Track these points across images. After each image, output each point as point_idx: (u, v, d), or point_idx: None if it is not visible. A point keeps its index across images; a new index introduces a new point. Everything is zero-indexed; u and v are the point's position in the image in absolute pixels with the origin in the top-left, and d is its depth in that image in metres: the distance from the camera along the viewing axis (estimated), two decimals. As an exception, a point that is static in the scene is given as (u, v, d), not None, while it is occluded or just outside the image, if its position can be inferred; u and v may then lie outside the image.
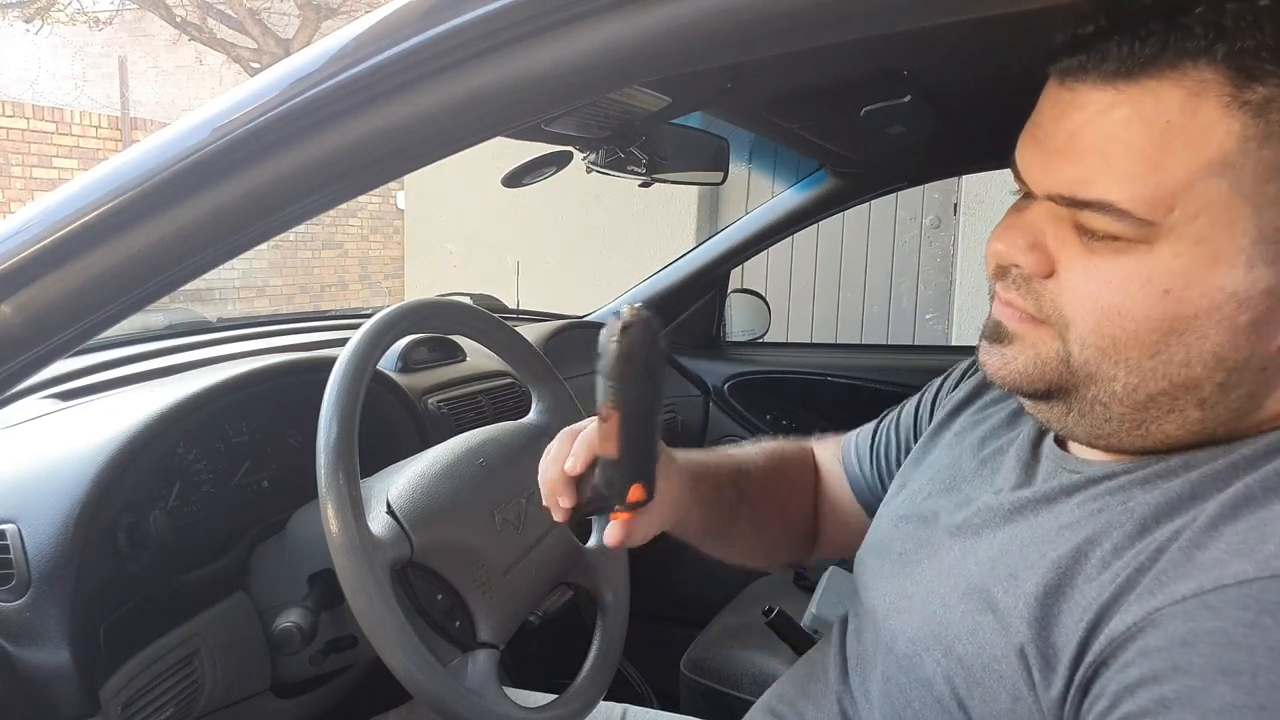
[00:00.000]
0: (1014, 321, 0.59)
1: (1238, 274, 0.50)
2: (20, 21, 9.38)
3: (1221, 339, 0.51)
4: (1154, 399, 0.54)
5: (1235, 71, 0.47)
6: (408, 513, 0.84)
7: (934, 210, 4.07)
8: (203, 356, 1.23)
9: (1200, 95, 0.48)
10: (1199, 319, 0.51)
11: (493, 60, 0.53)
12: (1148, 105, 0.49)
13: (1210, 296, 0.50)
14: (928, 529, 0.71)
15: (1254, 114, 0.48)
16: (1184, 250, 0.50)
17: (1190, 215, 0.49)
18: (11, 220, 0.60)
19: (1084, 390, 0.57)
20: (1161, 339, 0.52)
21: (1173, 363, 0.53)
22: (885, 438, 0.93)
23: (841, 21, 0.51)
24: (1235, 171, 0.48)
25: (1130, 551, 0.52)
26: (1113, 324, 0.53)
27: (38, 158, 7.14)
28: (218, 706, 0.95)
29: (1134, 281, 0.52)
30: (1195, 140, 0.49)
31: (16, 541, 0.77)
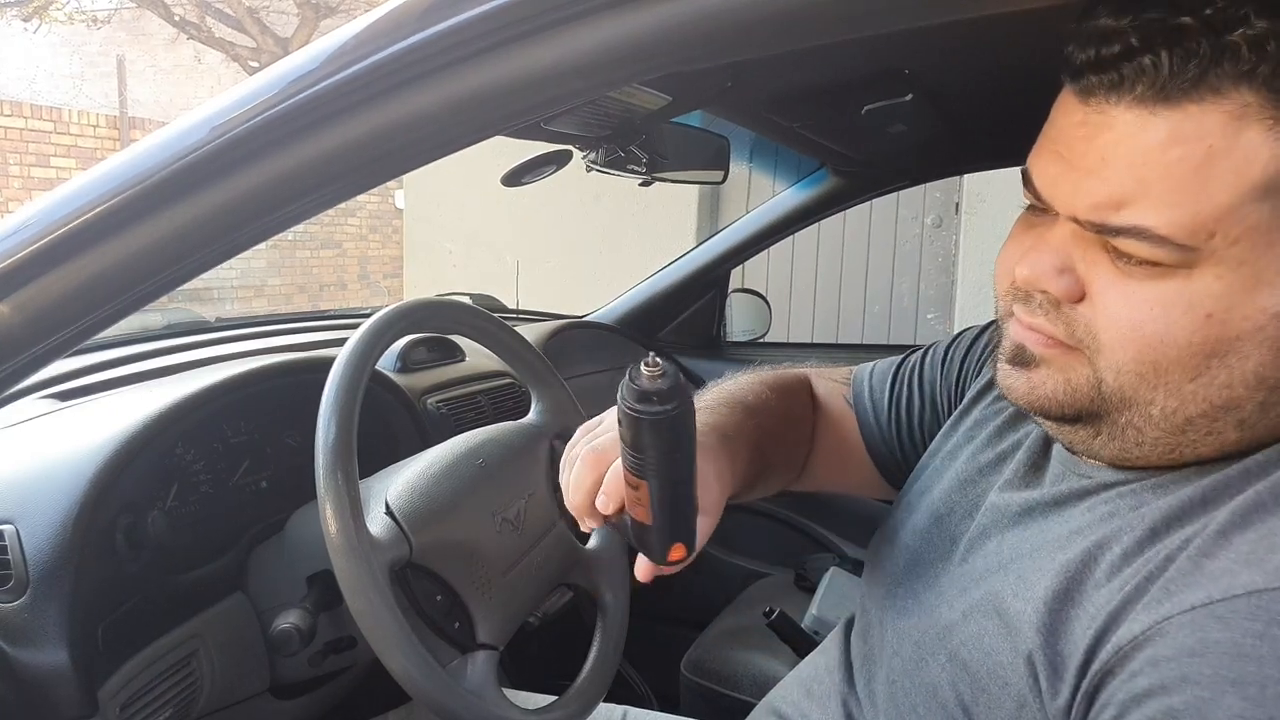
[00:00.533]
0: (1040, 346, 0.58)
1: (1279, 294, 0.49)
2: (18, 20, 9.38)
3: (1265, 358, 0.50)
4: (1193, 421, 0.53)
5: (1276, 94, 0.46)
6: (407, 513, 0.84)
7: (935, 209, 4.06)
8: (201, 356, 1.23)
9: (1243, 119, 0.47)
10: (1241, 340, 0.50)
11: (492, 59, 0.53)
12: (1188, 129, 0.48)
13: (1253, 318, 0.50)
14: (939, 528, 0.71)
15: None
16: (1225, 274, 0.49)
17: (1231, 240, 0.48)
18: (9, 220, 0.60)
19: (1117, 415, 0.55)
20: (1203, 362, 0.51)
21: (1214, 385, 0.52)
22: (908, 392, 0.88)
23: (842, 20, 0.51)
24: (1278, 195, 0.47)
25: (1140, 558, 0.51)
26: (1154, 350, 0.52)
27: (36, 157, 7.14)
28: (216, 707, 0.95)
29: (1176, 307, 0.51)
30: (1239, 165, 0.47)
31: (14, 542, 0.77)
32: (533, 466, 1.00)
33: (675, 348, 2.07)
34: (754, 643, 1.50)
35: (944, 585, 0.65)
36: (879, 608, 0.73)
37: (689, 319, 2.09)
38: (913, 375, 0.89)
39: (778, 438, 0.83)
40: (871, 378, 0.92)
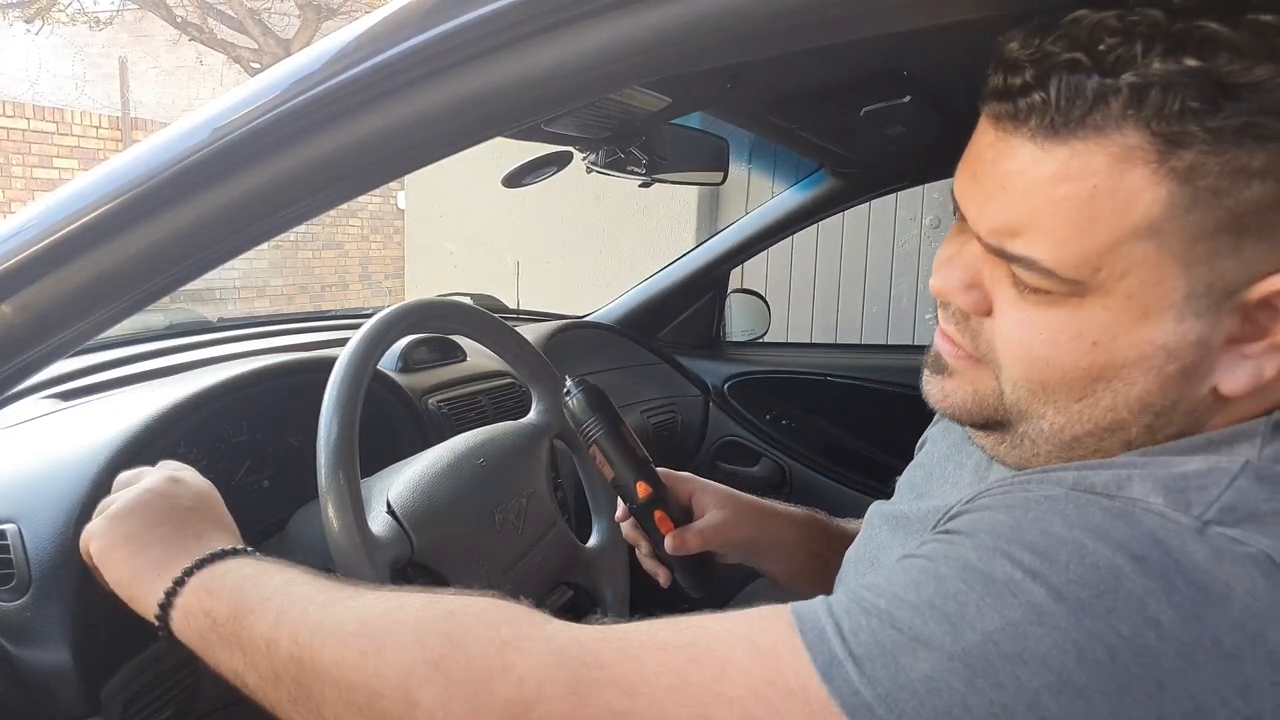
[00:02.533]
0: (953, 358, 0.60)
1: (1167, 328, 0.50)
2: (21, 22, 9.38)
3: (1150, 386, 0.52)
4: (1079, 439, 0.55)
5: (1161, 138, 0.46)
6: (408, 512, 0.84)
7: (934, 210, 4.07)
8: (203, 356, 1.24)
9: (1126, 160, 0.47)
10: (1127, 368, 0.52)
11: (493, 61, 0.53)
12: (1074, 167, 0.49)
13: (1139, 348, 0.51)
14: (894, 532, 0.73)
15: (1181, 181, 0.47)
16: (1113, 305, 0.50)
17: (1117, 275, 0.49)
18: (12, 220, 0.60)
19: (1017, 425, 0.58)
20: (1089, 385, 0.53)
21: (1099, 406, 0.53)
22: None
23: (841, 22, 0.52)
24: (1162, 236, 0.48)
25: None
26: (1041, 371, 0.54)
27: (38, 158, 7.14)
28: (217, 706, 0.95)
29: (1063, 333, 0.52)
30: (1121, 205, 0.48)
31: (17, 541, 0.77)
32: (533, 466, 1.00)
33: (675, 348, 2.07)
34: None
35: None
36: None
37: (689, 319, 2.09)
38: None
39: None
40: None
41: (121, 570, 0.67)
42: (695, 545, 0.87)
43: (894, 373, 1.97)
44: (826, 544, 0.93)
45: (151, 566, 0.66)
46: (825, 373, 2.02)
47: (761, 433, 2.01)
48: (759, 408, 2.04)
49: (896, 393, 1.94)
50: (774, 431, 2.02)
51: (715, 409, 2.04)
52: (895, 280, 4.16)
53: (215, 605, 0.63)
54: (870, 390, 1.98)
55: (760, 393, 2.05)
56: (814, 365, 2.05)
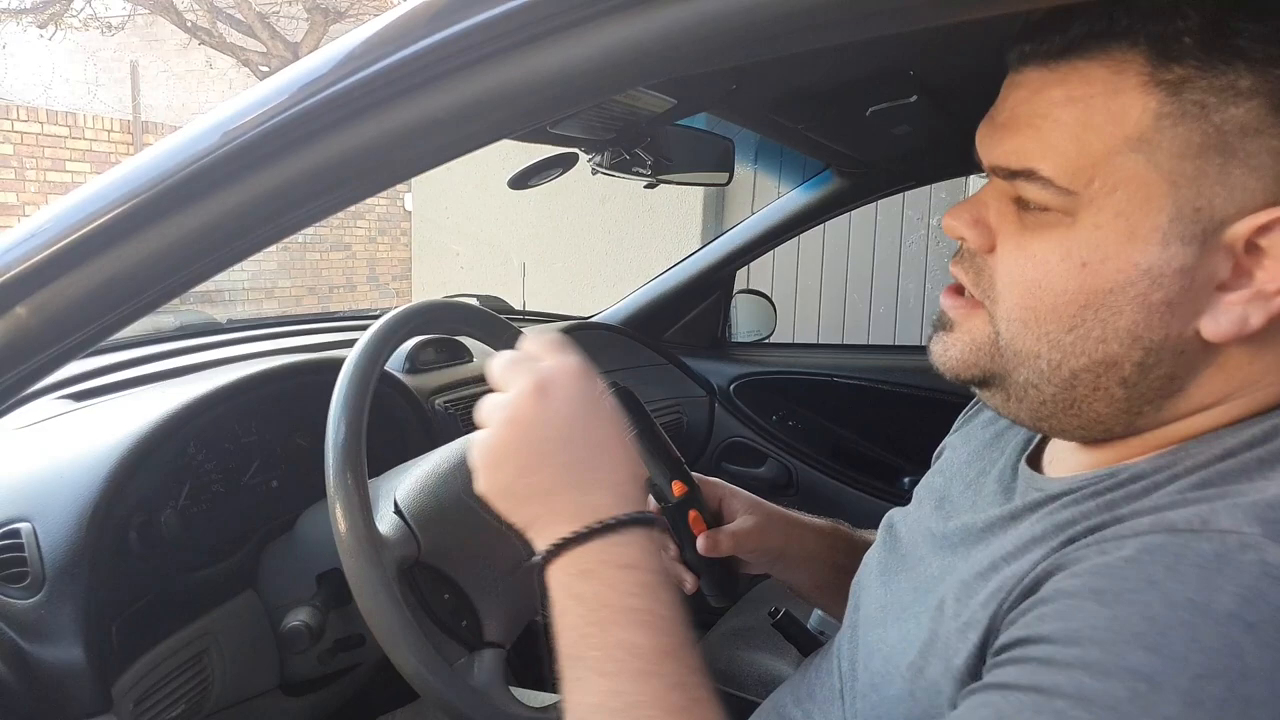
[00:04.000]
0: (953, 310, 0.63)
1: (1153, 250, 0.51)
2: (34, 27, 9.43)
3: (1136, 316, 0.53)
4: (1077, 375, 0.56)
5: (1155, 53, 0.50)
6: (415, 513, 0.85)
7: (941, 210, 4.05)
8: (213, 358, 1.24)
9: (1121, 74, 0.51)
10: (1114, 294, 0.53)
11: (500, 63, 0.54)
12: (1075, 83, 0.53)
13: (1125, 272, 0.52)
14: (913, 543, 0.73)
15: (1170, 92, 0.50)
16: (1103, 223, 0.52)
17: (1109, 188, 0.52)
18: (27, 224, 0.61)
19: (1015, 374, 0.59)
20: (1079, 313, 0.54)
21: (1089, 338, 0.55)
22: None
23: (847, 23, 0.52)
24: (1151, 148, 0.51)
25: (1061, 552, 0.53)
26: (1033, 296, 0.56)
27: (51, 161, 7.18)
28: (227, 704, 0.96)
29: (1055, 254, 0.54)
30: (1114, 115, 0.51)
31: (31, 540, 0.78)
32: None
33: (681, 348, 2.07)
34: (759, 643, 1.50)
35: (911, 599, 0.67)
36: (860, 623, 0.75)
37: (694, 320, 2.09)
38: None
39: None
40: None
41: (510, 518, 0.63)
42: (727, 548, 0.87)
43: (901, 373, 1.97)
44: (850, 556, 0.92)
45: (529, 523, 0.62)
46: (831, 373, 2.02)
47: (767, 434, 2.01)
48: (765, 408, 2.04)
49: (903, 394, 1.94)
50: (780, 432, 2.02)
51: (721, 410, 2.04)
52: (902, 280, 4.16)
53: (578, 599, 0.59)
54: (877, 391, 1.98)
55: (766, 393, 2.05)
56: (820, 366, 2.05)
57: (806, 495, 1.95)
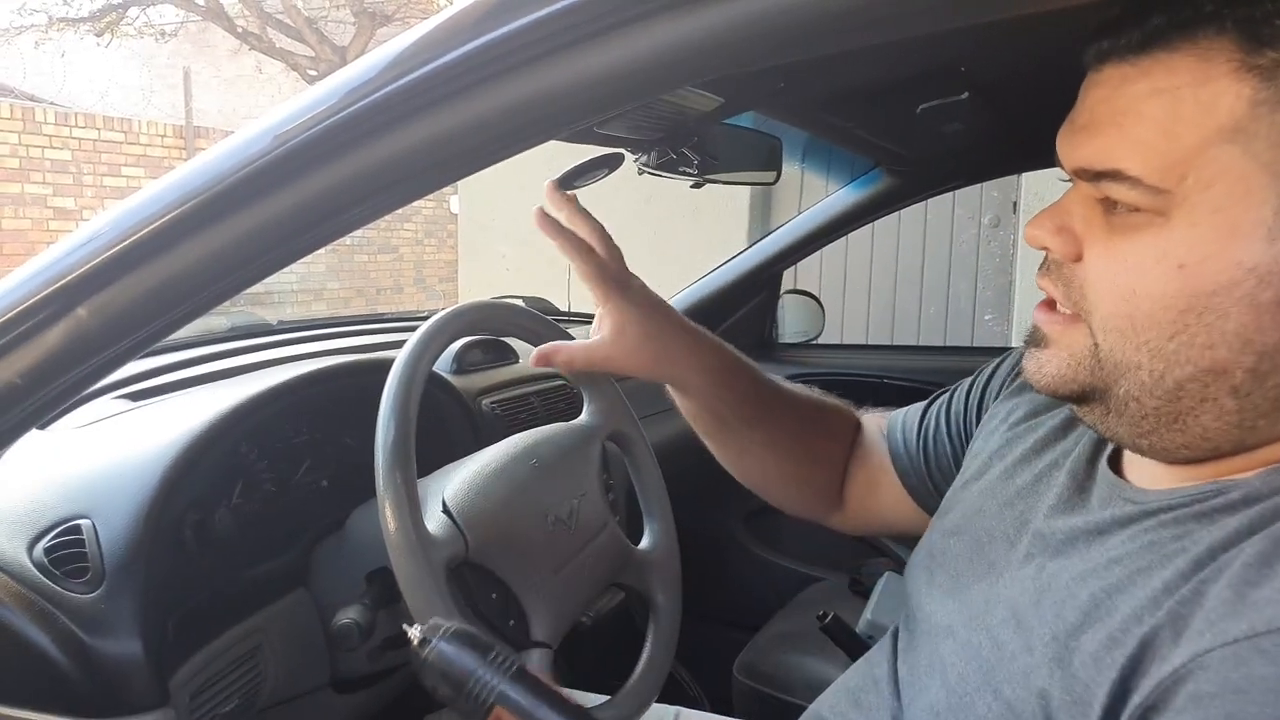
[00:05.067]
0: (1048, 325, 0.59)
1: (1257, 247, 0.48)
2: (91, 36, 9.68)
3: (1245, 319, 0.49)
4: (1183, 386, 0.52)
5: (1244, 37, 0.47)
6: (463, 512, 0.85)
7: (993, 209, 4.00)
8: (264, 358, 1.26)
9: (1209, 62, 0.48)
10: (1217, 296, 0.49)
11: (546, 64, 0.54)
12: (1159, 76, 0.50)
13: (1229, 272, 0.49)
14: (980, 546, 0.69)
15: (1264, 78, 0.47)
16: (1200, 220, 0.49)
17: (1204, 183, 0.49)
18: (85, 227, 0.62)
19: (1116, 387, 0.55)
20: (1179, 318, 0.51)
21: (1194, 345, 0.51)
22: (935, 421, 0.92)
23: (897, 19, 0.51)
24: (1248, 137, 0.47)
25: (1182, 588, 0.49)
26: (1128, 303, 0.52)
27: (108, 166, 7.36)
28: (279, 700, 0.98)
29: (1149, 257, 0.51)
30: (1205, 105, 0.48)
31: (91, 536, 0.79)
32: (585, 467, 1.01)
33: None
34: (807, 647, 1.49)
35: (984, 613, 0.63)
36: (923, 629, 0.72)
37: (740, 320, 2.08)
38: (942, 406, 0.93)
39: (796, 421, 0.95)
40: (905, 413, 0.97)
41: None
42: (581, 362, 0.86)
43: (952, 375, 1.92)
44: (738, 405, 0.90)
45: None
46: (881, 375, 1.99)
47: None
48: (812, 409, 2.02)
49: (953, 394, 1.91)
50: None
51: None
52: (953, 280, 4.10)
53: None
54: (928, 393, 1.93)
55: (814, 394, 2.03)
56: (869, 367, 2.03)
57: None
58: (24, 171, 6.80)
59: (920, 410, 0.95)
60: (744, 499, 1.96)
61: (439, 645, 0.57)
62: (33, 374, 0.62)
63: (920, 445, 0.92)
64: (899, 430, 0.94)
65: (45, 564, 0.78)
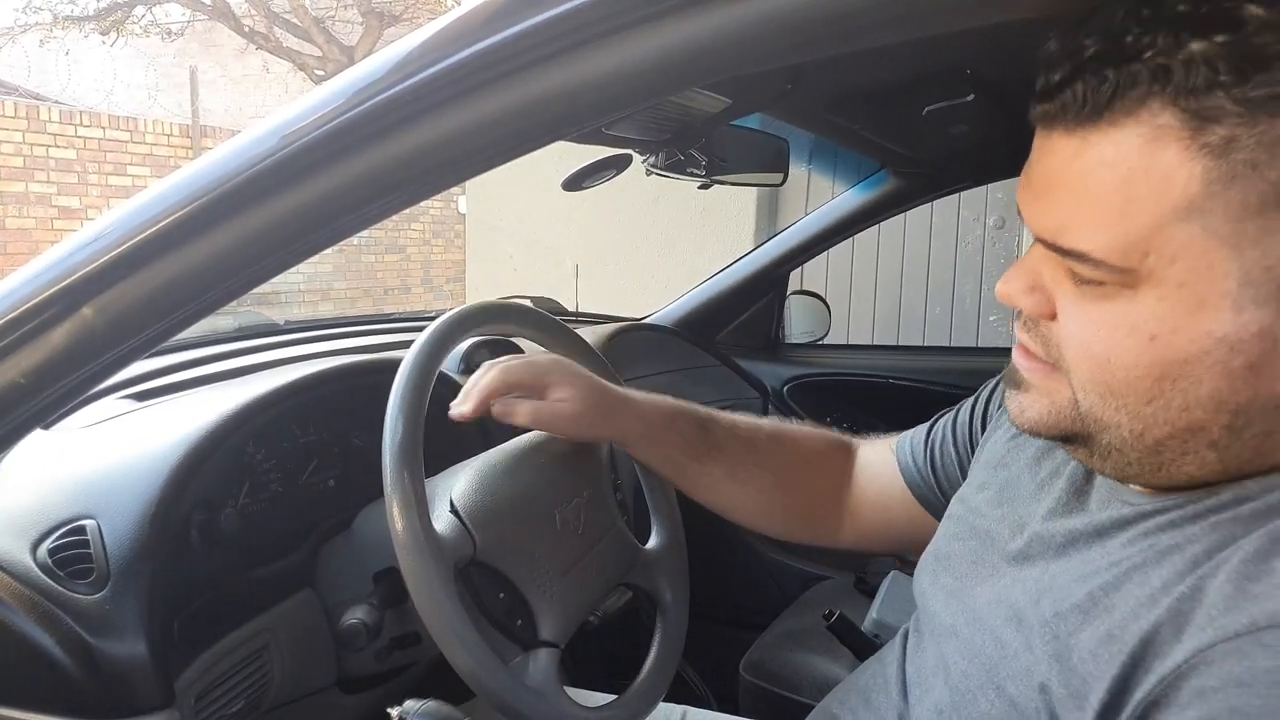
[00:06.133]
0: (1028, 371, 0.59)
1: (1225, 318, 0.48)
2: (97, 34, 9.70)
3: (1218, 383, 0.49)
4: (1162, 443, 0.53)
5: (1190, 114, 0.45)
6: (471, 512, 0.85)
7: (998, 210, 3.99)
8: (271, 358, 1.26)
9: (1158, 140, 0.47)
10: (1189, 364, 0.49)
11: (555, 65, 0.54)
12: (1108, 152, 0.48)
13: (1199, 342, 0.49)
14: (983, 549, 0.70)
15: (1215, 155, 0.45)
16: (1167, 295, 0.49)
17: (1166, 260, 0.48)
18: (91, 227, 0.62)
19: (1098, 436, 0.56)
20: (1155, 384, 0.51)
21: (1171, 408, 0.51)
22: (942, 434, 0.93)
23: (903, 21, 0.51)
24: (1204, 215, 0.46)
25: (1180, 586, 0.50)
26: (1104, 371, 0.53)
27: (113, 165, 7.37)
28: (285, 700, 0.98)
29: (1120, 329, 0.51)
30: (1157, 186, 0.47)
31: (96, 536, 0.79)
32: (593, 467, 1.01)
33: (734, 350, 2.06)
34: (814, 645, 1.49)
35: (986, 612, 0.64)
36: (929, 627, 0.73)
37: (747, 321, 2.08)
38: (949, 422, 0.93)
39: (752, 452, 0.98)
40: (914, 432, 0.98)
41: None
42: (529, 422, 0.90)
43: (957, 375, 1.94)
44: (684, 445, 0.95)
45: None
46: (887, 375, 1.99)
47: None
48: (819, 410, 2.02)
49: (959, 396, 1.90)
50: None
51: (774, 412, 2.03)
52: (959, 281, 4.09)
53: None
54: (933, 393, 1.95)
55: (820, 395, 2.04)
56: (875, 368, 2.03)
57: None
58: (28, 170, 6.81)
59: (926, 428, 0.96)
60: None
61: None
62: (38, 373, 0.62)
63: (928, 459, 0.93)
64: (907, 448, 0.96)
65: (50, 565, 0.78)
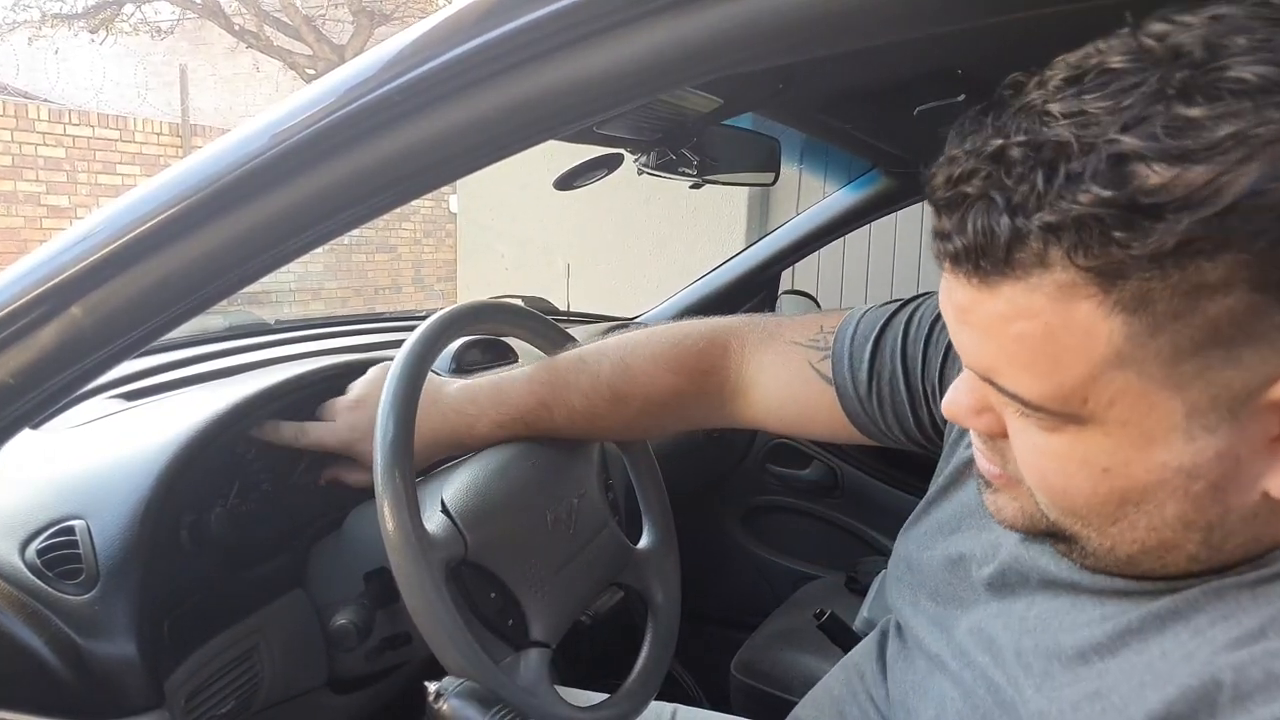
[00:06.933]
0: (993, 479, 0.57)
1: (1178, 449, 0.45)
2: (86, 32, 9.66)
3: (1182, 506, 0.47)
4: (1134, 558, 0.51)
5: (1093, 273, 0.42)
6: (462, 512, 0.85)
7: (988, 209, 4.00)
8: (262, 358, 1.26)
9: (1068, 297, 0.44)
10: (1149, 491, 0.47)
11: (546, 64, 0.54)
12: (1020, 305, 0.45)
13: (1155, 472, 0.46)
14: (957, 573, 0.68)
15: (1132, 310, 0.42)
16: (1113, 432, 0.46)
17: (1105, 403, 0.46)
18: (80, 226, 0.62)
19: (1074, 541, 0.54)
20: (1117, 509, 0.49)
21: (1138, 528, 0.49)
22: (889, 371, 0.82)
23: (894, 21, 0.51)
24: (1137, 364, 0.44)
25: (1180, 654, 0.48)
26: (1062, 497, 0.51)
27: (102, 164, 7.34)
28: (276, 701, 0.97)
29: (1071, 461, 0.49)
30: (1079, 340, 0.44)
31: (85, 537, 0.79)
32: (584, 467, 1.01)
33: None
34: (805, 644, 1.49)
35: (972, 651, 0.63)
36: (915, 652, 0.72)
37: (739, 321, 2.08)
38: (896, 353, 0.82)
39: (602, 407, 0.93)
40: (851, 345, 0.84)
41: None
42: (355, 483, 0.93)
43: (948, 374, 1.94)
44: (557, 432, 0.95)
45: None
46: (877, 374, 1.99)
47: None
48: (810, 409, 2.02)
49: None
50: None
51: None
52: (948, 280, 4.10)
53: None
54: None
55: (811, 394, 2.03)
56: (866, 366, 2.02)
57: (852, 497, 1.93)
58: (17, 169, 6.78)
59: (867, 360, 0.83)
60: (742, 498, 1.96)
61: (451, 699, 0.70)
62: (26, 373, 0.62)
63: (873, 395, 0.83)
64: (847, 373, 0.83)
65: (38, 565, 0.77)
